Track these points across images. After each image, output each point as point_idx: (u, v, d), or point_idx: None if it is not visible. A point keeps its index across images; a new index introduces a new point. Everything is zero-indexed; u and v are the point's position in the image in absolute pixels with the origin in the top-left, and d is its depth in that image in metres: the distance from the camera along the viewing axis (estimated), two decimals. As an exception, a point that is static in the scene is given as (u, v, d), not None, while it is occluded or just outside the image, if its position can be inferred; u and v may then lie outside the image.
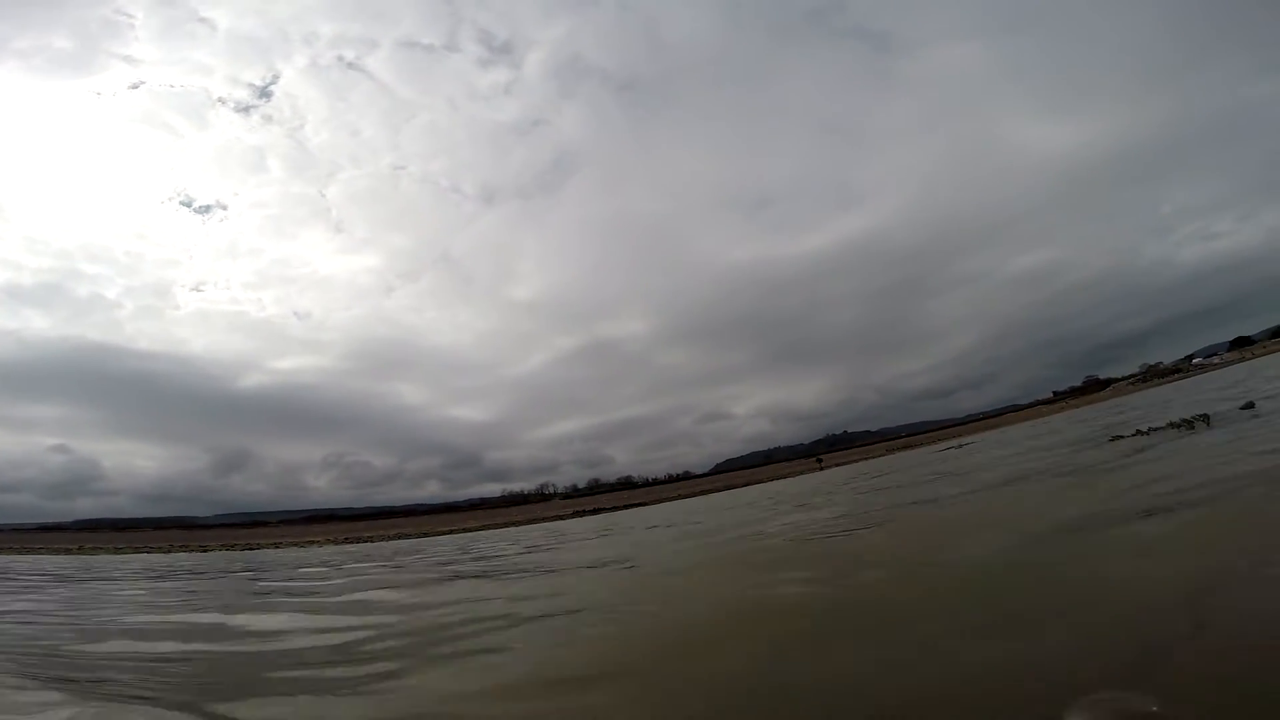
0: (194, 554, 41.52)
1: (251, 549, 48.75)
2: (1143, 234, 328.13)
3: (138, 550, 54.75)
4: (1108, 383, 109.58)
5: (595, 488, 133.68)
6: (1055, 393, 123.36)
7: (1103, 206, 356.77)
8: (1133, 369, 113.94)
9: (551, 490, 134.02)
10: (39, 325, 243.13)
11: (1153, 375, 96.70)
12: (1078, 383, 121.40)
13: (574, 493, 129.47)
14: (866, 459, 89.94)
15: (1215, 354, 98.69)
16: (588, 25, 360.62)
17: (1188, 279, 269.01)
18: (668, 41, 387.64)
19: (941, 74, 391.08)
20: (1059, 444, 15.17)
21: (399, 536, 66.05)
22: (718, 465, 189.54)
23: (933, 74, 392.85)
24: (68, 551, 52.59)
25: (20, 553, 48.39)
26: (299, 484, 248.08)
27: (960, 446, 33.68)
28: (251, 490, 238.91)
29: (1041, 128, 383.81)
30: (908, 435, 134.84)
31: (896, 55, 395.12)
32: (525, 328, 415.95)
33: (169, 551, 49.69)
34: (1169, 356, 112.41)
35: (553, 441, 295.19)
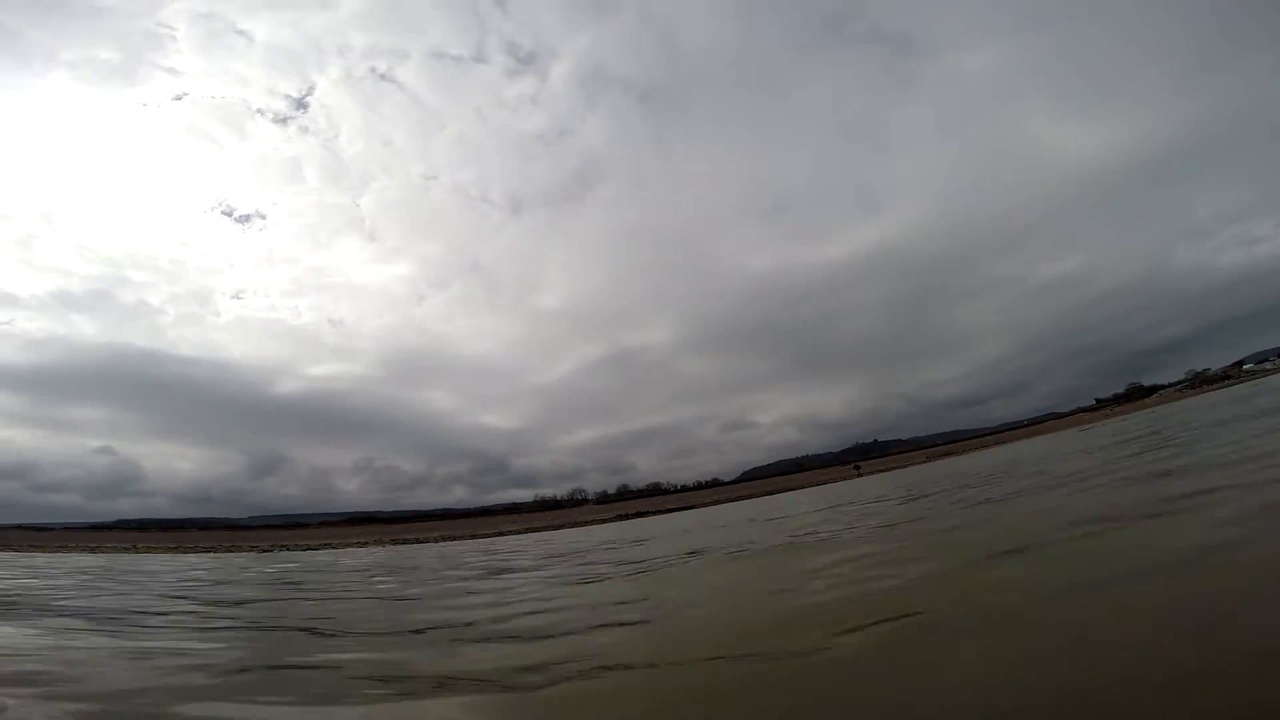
0: (264, 555, 42.34)
1: (310, 549, 49.68)
2: (1178, 238, 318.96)
3: (187, 550, 55.87)
4: (1153, 389, 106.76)
5: (625, 493, 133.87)
6: (1098, 400, 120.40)
7: (1134, 211, 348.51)
8: (1177, 376, 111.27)
9: (583, 496, 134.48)
10: (87, 331, 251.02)
11: (1201, 382, 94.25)
12: (1119, 390, 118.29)
13: (605, 498, 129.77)
14: (907, 465, 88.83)
15: (1267, 360, 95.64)
16: (610, 35, 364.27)
17: (1229, 284, 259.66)
18: (686, 50, 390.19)
19: (963, 77, 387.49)
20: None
21: (444, 539, 66.74)
22: (745, 473, 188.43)
23: (954, 77, 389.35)
24: (124, 550, 53.98)
25: (85, 551, 49.81)
26: (329, 487, 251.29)
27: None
28: (284, 493, 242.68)
29: (1066, 130, 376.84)
30: (944, 444, 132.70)
31: (916, 58, 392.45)
32: (551, 336, 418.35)
33: (230, 551, 50.80)
34: (1215, 363, 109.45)
35: (577, 448, 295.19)
